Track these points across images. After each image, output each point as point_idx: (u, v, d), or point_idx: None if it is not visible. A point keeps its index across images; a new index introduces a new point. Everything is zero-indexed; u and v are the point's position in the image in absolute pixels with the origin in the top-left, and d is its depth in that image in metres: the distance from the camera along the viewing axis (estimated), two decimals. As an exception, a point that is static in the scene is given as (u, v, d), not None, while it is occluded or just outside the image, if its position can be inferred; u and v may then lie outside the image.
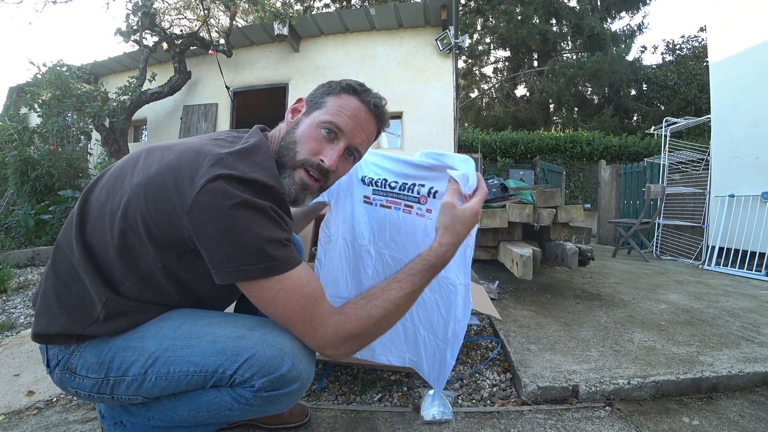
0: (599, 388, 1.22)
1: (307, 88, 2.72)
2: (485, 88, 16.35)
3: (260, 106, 6.44)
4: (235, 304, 1.07)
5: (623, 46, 13.60)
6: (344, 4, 14.37)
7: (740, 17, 3.94)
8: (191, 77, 5.75)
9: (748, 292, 2.68)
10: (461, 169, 0.86)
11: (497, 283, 2.34)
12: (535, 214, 2.28)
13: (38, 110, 4.67)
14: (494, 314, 1.57)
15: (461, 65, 14.40)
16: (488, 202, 2.04)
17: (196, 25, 6.62)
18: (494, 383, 1.35)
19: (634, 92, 14.30)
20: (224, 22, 6.93)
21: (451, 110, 5.18)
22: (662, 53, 15.44)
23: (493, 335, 1.72)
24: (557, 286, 2.62)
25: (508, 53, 15.41)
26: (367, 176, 1.10)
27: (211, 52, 5.45)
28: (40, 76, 4.64)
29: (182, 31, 5.99)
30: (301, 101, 0.86)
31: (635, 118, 14.35)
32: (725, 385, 1.29)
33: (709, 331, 1.75)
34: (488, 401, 1.24)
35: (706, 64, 9.58)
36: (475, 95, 16.21)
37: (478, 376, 1.40)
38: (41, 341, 0.73)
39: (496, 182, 1.92)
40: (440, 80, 5.24)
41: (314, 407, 1.14)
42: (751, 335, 1.70)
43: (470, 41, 13.18)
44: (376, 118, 0.85)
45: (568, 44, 14.67)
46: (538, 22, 13.42)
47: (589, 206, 8.16)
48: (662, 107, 12.95)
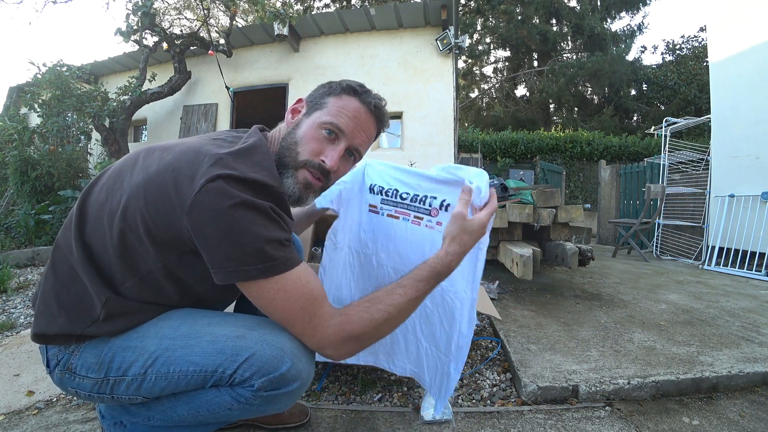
0: (599, 388, 1.22)
1: (307, 88, 2.72)
2: (485, 88, 16.36)
3: (260, 106, 6.44)
4: (235, 304, 1.07)
5: (623, 46, 13.62)
6: (344, 4, 14.37)
7: (740, 17, 3.94)
8: (191, 77, 5.75)
9: (748, 292, 2.68)
10: (475, 182, 0.86)
11: (497, 283, 2.34)
12: (535, 214, 2.28)
13: (38, 110, 4.67)
14: (494, 314, 1.57)
15: (461, 65, 14.40)
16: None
17: (196, 25, 6.62)
18: (494, 383, 1.35)
19: (634, 92, 14.31)
20: (224, 22, 6.93)
21: (451, 110, 5.18)
22: (662, 53, 15.48)
23: (493, 335, 1.72)
24: (557, 286, 2.62)
25: (508, 53, 15.42)
26: (376, 185, 1.08)
27: (211, 52, 5.45)
28: (40, 76, 4.64)
29: (182, 31, 5.99)
30: (301, 102, 0.86)
31: (635, 118, 14.35)
32: (725, 385, 1.29)
33: (709, 331, 1.75)
34: (488, 401, 1.24)
35: (706, 64, 9.60)
36: (475, 95, 16.22)
37: (478, 376, 1.40)
38: (41, 341, 0.73)
39: (496, 182, 1.92)
40: (440, 80, 5.24)
41: (314, 407, 1.14)
42: (751, 335, 1.70)
43: (470, 41, 13.19)
44: (376, 118, 0.85)
45: (568, 44, 14.68)
46: (538, 22, 13.43)
47: (589, 206, 8.16)
48: (662, 107, 12.95)
